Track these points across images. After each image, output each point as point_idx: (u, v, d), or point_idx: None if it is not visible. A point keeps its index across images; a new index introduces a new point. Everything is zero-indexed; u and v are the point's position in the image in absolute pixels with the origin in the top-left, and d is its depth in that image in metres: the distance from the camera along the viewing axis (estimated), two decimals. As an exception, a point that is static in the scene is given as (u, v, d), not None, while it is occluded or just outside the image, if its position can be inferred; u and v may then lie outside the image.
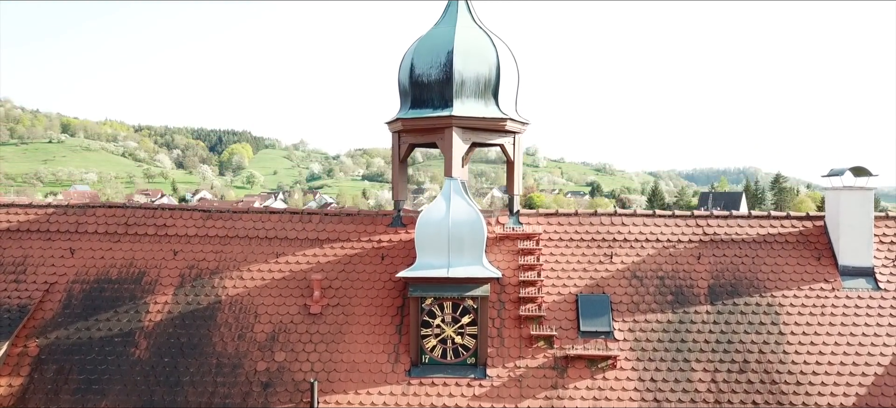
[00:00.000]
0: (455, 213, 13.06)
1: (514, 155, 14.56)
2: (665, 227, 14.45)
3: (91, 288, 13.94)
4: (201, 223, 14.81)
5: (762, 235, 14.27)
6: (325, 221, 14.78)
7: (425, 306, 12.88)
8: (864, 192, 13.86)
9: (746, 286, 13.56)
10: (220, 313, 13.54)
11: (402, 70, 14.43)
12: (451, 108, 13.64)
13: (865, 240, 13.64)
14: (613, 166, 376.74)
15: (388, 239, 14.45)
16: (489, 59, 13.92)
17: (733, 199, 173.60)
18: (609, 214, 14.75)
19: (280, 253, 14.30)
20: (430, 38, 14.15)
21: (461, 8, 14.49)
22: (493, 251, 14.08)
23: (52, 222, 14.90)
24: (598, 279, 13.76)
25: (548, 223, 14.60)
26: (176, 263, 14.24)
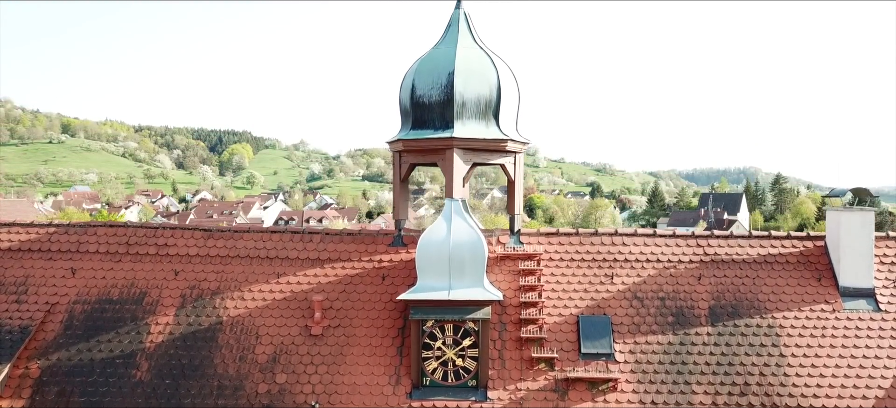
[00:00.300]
0: (456, 234, 13.08)
1: (514, 174, 14.58)
2: (666, 247, 14.46)
3: (92, 308, 13.96)
4: (202, 243, 14.81)
5: (763, 255, 14.28)
6: (326, 241, 14.79)
7: (426, 329, 12.90)
8: (864, 212, 13.87)
9: (747, 307, 13.58)
10: (221, 334, 13.55)
11: (403, 90, 14.45)
12: (452, 129, 13.66)
13: (866, 261, 13.66)
14: (613, 167, 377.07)
15: (389, 259, 14.46)
16: (490, 80, 13.94)
17: (733, 200, 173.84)
18: (610, 233, 14.77)
19: (281, 273, 14.32)
20: (431, 58, 14.17)
21: (462, 28, 14.50)
22: (494, 271, 14.09)
23: (54, 242, 14.91)
24: (599, 300, 13.77)
25: (548, 243, 14.62)
26: (177, 283, 14.25)
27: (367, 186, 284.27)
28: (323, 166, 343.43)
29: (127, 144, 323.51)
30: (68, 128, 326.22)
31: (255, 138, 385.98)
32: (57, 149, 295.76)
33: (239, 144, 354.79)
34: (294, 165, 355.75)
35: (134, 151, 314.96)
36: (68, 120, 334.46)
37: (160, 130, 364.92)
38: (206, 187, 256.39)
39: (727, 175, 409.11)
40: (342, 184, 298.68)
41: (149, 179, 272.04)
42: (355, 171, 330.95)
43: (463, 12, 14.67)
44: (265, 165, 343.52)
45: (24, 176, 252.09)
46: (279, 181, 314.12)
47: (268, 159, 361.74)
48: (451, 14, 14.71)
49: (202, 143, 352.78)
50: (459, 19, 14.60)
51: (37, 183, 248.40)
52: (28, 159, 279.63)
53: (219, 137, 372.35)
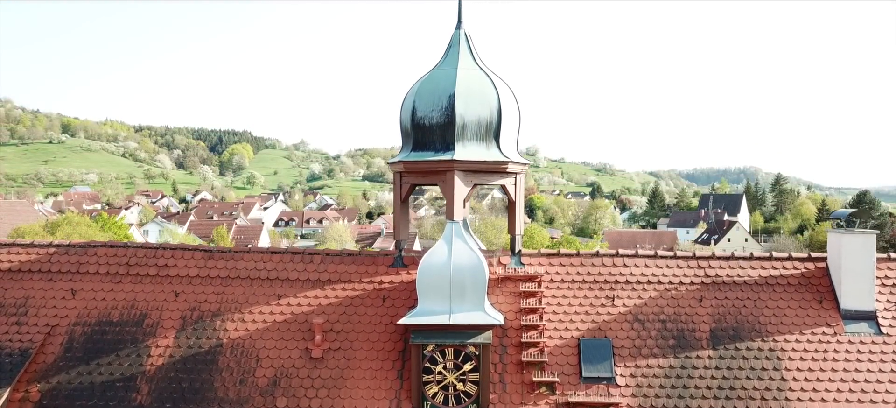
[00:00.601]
0: (457, 257, 13.05)
1: (515, 195, 14.55)
2: (667, 268, 14.43)
3: (93, 330, 13.94)
4: (203, 264, 14.79)
5: (764, 277, 14.25)
6: (326, 262, 14.76)
7: (427, 353, 12.87)
8: (866, 235, 13.84)
9: (748, 330, 13.55)
10: (221, 357, 13.53)
11: (403, 111, 14.42)
12: (453, 151, 13.64)
13: (867, 283, 13.63)
14: (614, 166, 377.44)
15: (389, 280, 14.43)
16: (491, 102, 13.91)
17: (734, 200, 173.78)
18: (611, 254, 14.73)
19: (281, 295, 14.29)
20: (431, 80, 14.14)
21: (463, 49, 14.47)
22: (495, 293, 14.07)
23: (54, 262, 14.89)
24: (600, 323, 13.74)
25: (549, 264, 14.59)
26: (177, 304, 14.23)
27: (368, 186, 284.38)
28: (323, 166, 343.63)
29: (127, 144, 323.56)
30: (68, 128, 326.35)
31: (256, 138, 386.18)
32: (57, 149, 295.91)
33: (239, 144, 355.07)
34: (294, 164, 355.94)
35: (134, 151, 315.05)
36: (68, 120, 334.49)
37: (160, 130, 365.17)
38: (206, 187, 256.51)
39: (727, 175, 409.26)
40: (342, 184, 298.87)
41: (149, 180, 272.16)
42: (355, 171, 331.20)
43: (463, 33, 14.64)
44: (265, 165, 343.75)
45: (24, 176, 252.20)
46: (279, 181, 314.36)
47: (268, 159, 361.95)
48: (452, 35, 14.68)
49: (202, 143, 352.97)
50: (460, 40, 14.57)
51: (37, 183, 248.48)
52: (28, 159, 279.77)
53: (219, 136, 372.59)
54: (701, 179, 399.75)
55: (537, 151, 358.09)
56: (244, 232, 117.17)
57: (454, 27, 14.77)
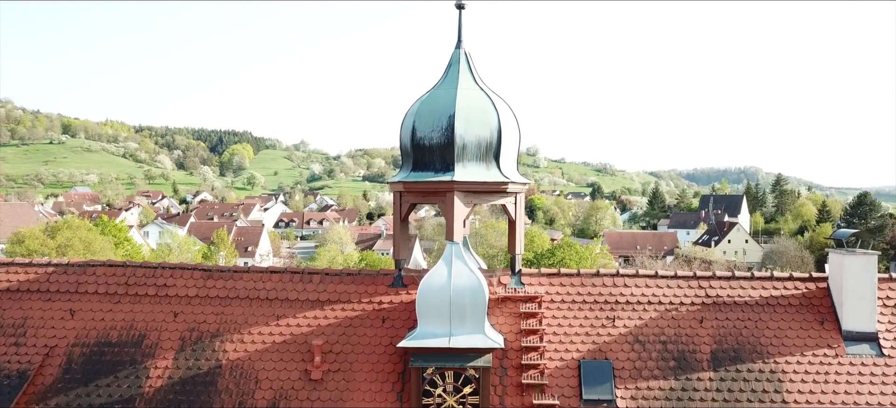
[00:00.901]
0: (456, 279, 12.98)
1: (516, 214, 14.50)
2: (667, 288, 14.38)
3: (91, 351, 13.88)
4: (202, 283, 14.74)
5: (765, 297, 14.19)
6: (325, 282, 14.71)
7: (427, 376, 12.81)
8: (867, 256, 13.78)
9: (749, 352, 13.49)
10: (220, 379, 13.48)
11: (403, 130, 14.37)
12: (453, 172, 13.59)
13: (869, 305, 13.57)
14: (614, 166, 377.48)
15: (389, 301, 14.38)
16: (490, 122, 13.86)
17: (734, 201, 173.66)
18: (611, 274, 14.68)
19: (281, 315, 14.24)
20: (431, 100, 14.09)
21: (462, 69, 14.42)
22: (495, 314, 14.01)
23: (52, 282, 14.84)
24: (601, 344, 13.69)
25: (549, 284, 14.54)
26: (176, 325, 14.18)
27: (368, 186, 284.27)
28: (323, 167, 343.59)
29: (127, 144, 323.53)
30: (69, 128, 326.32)
31: (256, 139, 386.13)
32: (57, 149, 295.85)
33: (239, 145, 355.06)
34: (294, 165, 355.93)
35: (134, 152, 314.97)
36: (69, 120, 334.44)
37: (161, 131, 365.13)
38: (206, 188, 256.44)
39: (728, 175, 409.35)
40: (343, 184, 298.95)
41: (149, 180, 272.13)
42: (356, 171, 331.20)
43: (463, 52, 14.59)
44: (266, 166, 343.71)
45: (24, 177, 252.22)
46: (280, 182, 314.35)
47: (268, 159, 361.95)
48: (452, 54, 14.64)
49: (203, 143, 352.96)
50: (460, 60, 14.52)
51: (37, 184, 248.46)
52: (29, 160, 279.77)
53: (219, 137, 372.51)
54: (701, 180, 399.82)
55: (537, 151, 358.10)
56: (244, 234, 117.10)
57: (454, 46, 14.72)
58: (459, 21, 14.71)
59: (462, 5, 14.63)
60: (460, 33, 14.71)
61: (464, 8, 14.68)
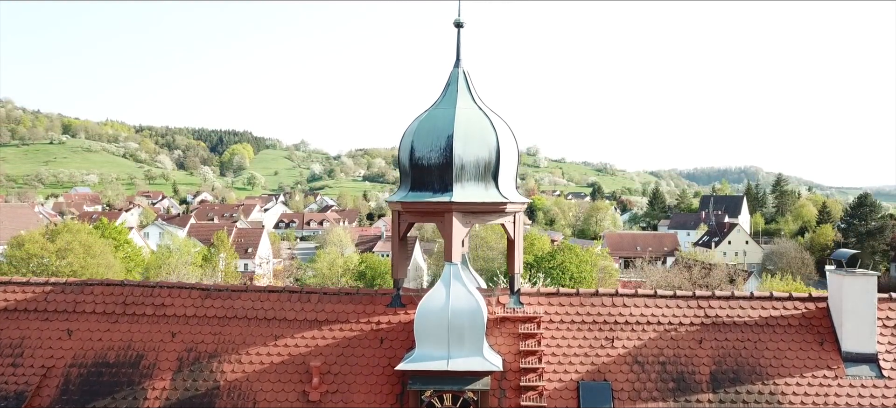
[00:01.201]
0: (455, 301, 12.95)
1: (514, 234, 14.45)
2: (667, 308, 14.33)
3: (89, 372, 13.84)
4: (200, 303, 14.69)
5: (764, 317, 14.14)
6: (323, 301, 14.66)
7: (425, 398, 12.78)
8: (867, 277, 13.72)
9: (748, 373, 13.44)
10: (218, 400, 13.43)
11: (402, 149, 14.33)
12: (451, 192, 13.54)
13: (869, 326, 13.52)
14: (614, 166, 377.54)
15: (387, 321, 14.33)
16: (489, 142, 13.81)
17: (734, 202, 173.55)
18: (610, 294, 14.62)
19: (279, 335, 14.19)
20: (430, 119, 14.04)
21: (461, 88, 14.37)
22: (494, 334, 13.97)
23: (50, 301, 14.80)
24: (600, 365, 13.64)
25: (549, 304, 14.49)
26: (174, 345, 14.14)
27: (368, 186, 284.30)
28: (324, 166, 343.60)
29: (128, 144, 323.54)
30: (69, 128, 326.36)
31: (256, 138, 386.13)
32: (58, 149, 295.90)
33: (240, 145, 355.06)
34: (295, 165, 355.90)
35: (135, 152, 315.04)
36: (69, 120, 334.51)
37: (161, 131, 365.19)
38: (206, 188, 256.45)
39: (728, 174, 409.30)
40: (343, 184, 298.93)
41: (150, 180, 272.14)
42: (356, 171, 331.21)
43: (462, 71, 14.54)
44: (266, 166, 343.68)
45: (24, 177, 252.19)
46: (280, 181, 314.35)
47: (269, 159, 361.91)
48: (451, 73, 14.58)
49: (203, 143, 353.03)
50: (458, 78, 14.46)
51: (38, 184, 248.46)
52: (29, 160, 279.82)
53: (219, 137, 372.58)
54: (702, 179, 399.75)
55: (538, 151, 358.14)
56: (244, 235, 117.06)
57: (452, 65, 14.67)
58: (458, 40, 14.66)
59: (461, 24, 14.58)
60: (459, 52, 14.65)
61: (462, 26, 14.63)
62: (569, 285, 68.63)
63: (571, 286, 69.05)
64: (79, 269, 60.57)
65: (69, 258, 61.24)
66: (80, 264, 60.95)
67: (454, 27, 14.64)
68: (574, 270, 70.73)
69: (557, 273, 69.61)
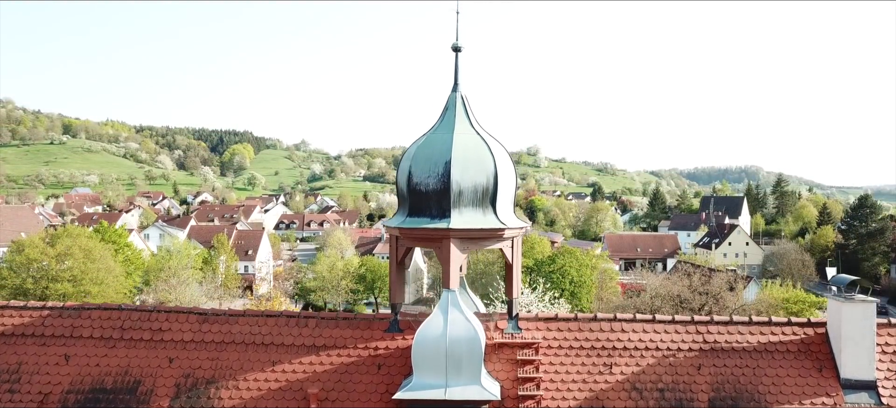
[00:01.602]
0: (452, 329, 12.92)
1: (512, 258, 14.41)
2: (665, 333, 14.29)
3: (86, 399, 13.81)
4: (197, 327, 14.66)
5: (763, 343, 14.10)
6: (321, 326, 14.63)
7: (423, 427, 12.74)
8: (866, 303, 13.68)
9: (747, 400, 13.41)
10: (215, 427, 13.40)
11: (400, 174, 14.30)
12: (449, 219, 13.49)
13: (868, 352, 13.48)
14: (615, 166, 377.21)
15: (384, 346, 14.30)
16: (487, 168, 13.76)
17: (735, 203, 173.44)
18: (609, 319, 14.58)
19: (276, 361, 14.16)
20: (428, 145, 14.00)
21: (459, 112, 14.33)
22: (492, 360, 13.93)
23: (47, 325, 14.76)
24: (598, 392, 13.61)
25: (547, 329, 14.45)
26: (172, 371, 14.10)
27: (368, 187, 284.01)
28: (324, 166, 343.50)
29: (128, 144, 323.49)
30: (69, 128, 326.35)
31: (257, 138, 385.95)
32: (58, 150, 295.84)
33: (240, 144, 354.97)
34: (295, 165, 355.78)
35: (135, 152, 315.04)
36: (69, 120, 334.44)
37: (161, 131, 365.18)
38: (207, 189, 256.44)
39: (729, 174, 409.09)
40: (343, 185, 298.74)
41: (150, 181, 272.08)
42: (356, 171, 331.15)
43: (460, 96, 14.49)
44: (266, 165, 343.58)
45: (25, 177, 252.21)
46: (280, 181, 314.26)
47: (269, 159, 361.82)
48: (448, 97, 14.55)
49: (203, 143, 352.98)
50: (456, 103, 14.42)
51: (38, 184, 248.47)
52: (29, 160, 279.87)
53: (220, 137, 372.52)
54: (702, 179, 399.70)
55: (538, 150, 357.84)
56: (244, 237, 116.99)
57: (451, 89, 14.62)
58: (456, 64, 14.62)
59: (459, 48, 14.55)
60: (457, 76, 14.61)
61: (460, 51, 14.59)
62: (569, 289, 68.55)
63: (571, 289, 68.97)
64: (79, 273, 60.54)
65: (69, 263, 61.12)
66: (80, 269, 60.90)
67: (452, 51, 14.60)
68: (574, 274, 70.64)
69: (557, 277, 69.54)
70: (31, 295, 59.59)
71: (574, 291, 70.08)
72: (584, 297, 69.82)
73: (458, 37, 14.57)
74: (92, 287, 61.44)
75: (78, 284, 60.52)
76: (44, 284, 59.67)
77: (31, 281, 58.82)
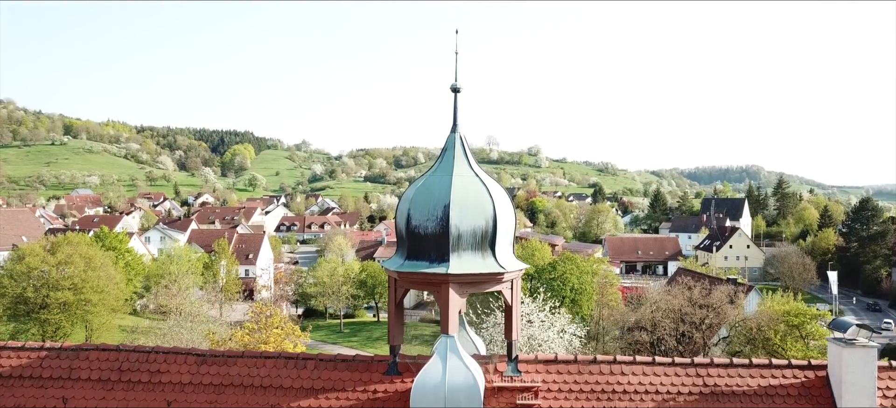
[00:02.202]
0: (451, 377, 12.86)
1: (512, 299, 14.35)
2: (665, 376, 14.23)
3: (84, 443, 13.77)
4: (195, 369, 14.61)
5: (763, 386, 14.04)
6: (320, 368, 14.57)
7: (421, 475, 12.69)
8: (867, 349, 13.61)
9: (747, 445, 13.35)
10: (214, 473, 13.36)
11: (399, 216, 14.24)
12: (448, 263, 13.42)
13: (869, 397, 13.41)
14: (615, 166, 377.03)
15: (383, 389, 14.23)
16: (486, 211, 13.70)
17: (736, 205, 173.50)
18: (608, 361, 14.53)
19: (274, 404, 14.11)
20: (426, 187, 13.94)
21: (458, 154, 14.26)
22: (491, 404, 13.86)
23: (45, 367, 14.72)
24: (597, 437, 13.55)
25: (546, 372, 14.39)
26: (170, 414, 14.05)
27: (369, 187, 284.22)
28: (325, 167, 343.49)
29: (129, 145, 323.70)
30: (71, 129, 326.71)
31: (257, 138, 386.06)
32: (59, 150, 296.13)
33: (241, 145, 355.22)
34: (296, 165, 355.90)
35: (136, 153, 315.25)
36: (70, 121, 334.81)
37: (162, 131, 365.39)
38: (208, 190, 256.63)
39: (730, 174, 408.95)
40: (344, 186, 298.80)
41: (151, 181, 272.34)
42: (357, 171, 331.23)
43: (459, 137, 14.43)
44: (267, 166, 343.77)
45: (26, 178, 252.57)
46: (281, 182, 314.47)
47: (270, 159, 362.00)
48: (447, 138, 14.49)
49: (204, 143, 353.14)
50: (455, 144, 14.36)
51: (39, 186, 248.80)
52: (30, 161, 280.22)
53: (221, 137, 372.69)
54: (703, 178, 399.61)
55: (539, 150, 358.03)
56: (245, 241, 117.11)
57: (450, 130, 14.57)
58: (455, 104, 14.55)
59: (458, 89, 14.49)
60: (456, 117, 14.54)
61: (459, 91, 14.53)
62: (570, 296, 68.44)
63: (572, 296, 68.85)
64: (79, 282, 60.62)
65: (70, 271, 61.18)
66: (80, 277, 60.99)
67: (451, 92, 14.54)
68: (575, 282, 70.55)
69: (558, 284, 69.43)
70: (32, 303, 59.77)
71: (575, 299, 70.00)
72: (584, 304, 69.76)
73: (457, 77, 14.52)
74: (93, 295, 61.53)
75: (79, 293, 60.63)
76: (44, 293, 59.73)
77: (31, 290, 58.92)
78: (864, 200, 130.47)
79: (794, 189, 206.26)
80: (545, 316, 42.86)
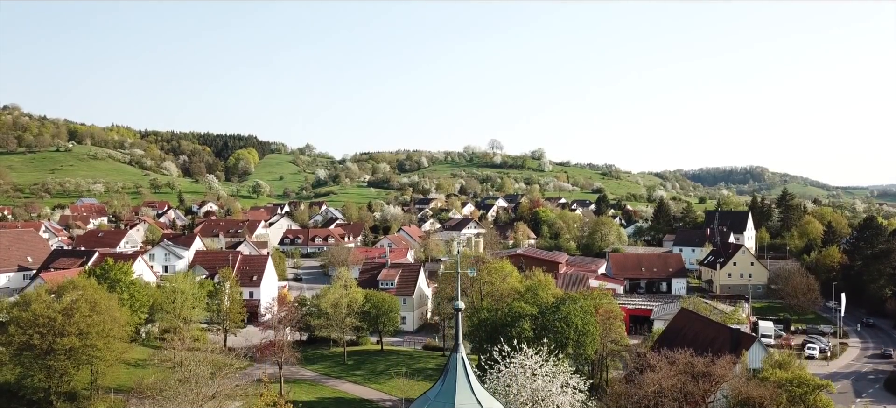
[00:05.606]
0: None
1: None
2: None
3: None
4: None
5: None
6: None
7: None
8: None
9: None
10: None
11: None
12: (450, 491, 13.59)
13: None
14: (619, 168, 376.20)
15: None
16: (488, 440, 13.84)
17: (740, 217, 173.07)
18: None
19: None
20: None
21: (459, 374, 14.40)
22: None
23: None
24: None
25: None
26: None
27: (373, 193, 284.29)
28: (328, 171, 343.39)
29: (133, 150, 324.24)
30: (75, 134, 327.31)
31: (261, 142, 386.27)
32: (64, 157, 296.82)
33: (245, 149, 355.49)
34: (299, 169, 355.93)
35: (140, 159, 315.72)
36: (75, 126, 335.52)
37: (166, 135, 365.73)
38: (212, 197, 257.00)
39: (734, 175, 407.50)
40: (349, 192, 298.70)
41: (155, 189, 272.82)
42: (361, 176, 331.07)
43: (461, 358, 14.57)
44: (270, 170, 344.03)
45: (31, 186, 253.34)
46: (285, 187, 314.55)
47: (274, 163, 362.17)
48: (450, 358, 14.62)
49: (208, 148, 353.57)
50: (457, 365, 14.49)
51: (44, 194, 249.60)
52: (35, 168, 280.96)
53: (225, 141, 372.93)
54: (707, 180, 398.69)
55: (543, 154, 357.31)
56: (249, 262, 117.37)
57: (451, 349, 14.69)
58: (457, 323, 14.69)
59: (460, 309, 14.62)
60: (458, 336, 14.68)
61: (461, 310, 14.66)
62: (573, 338, 68.63)
63: (576, 338, 69.02)
64: (85, 327, 60.77)
65: (76, 318, 61.35)
66: (86, 322, 61.13)
67: (454, 311, 14.67)
68: (578, 323, 70.79)
69: (562, 326, 69.72)
70: (38, 349, 59.92)
71: (579, 340, 70.23)
72: (588, 345, 69.97)
73: (459, 295, 14.64)
74: (98, 341, 61.67)
75: (84, 338, 60.76)
76: (50, 339, 59.83)
77: (37, 337, 59.01)
78: (868, 219, 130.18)
79: (799, 194, 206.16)
80: (548, 368, 43.09)
